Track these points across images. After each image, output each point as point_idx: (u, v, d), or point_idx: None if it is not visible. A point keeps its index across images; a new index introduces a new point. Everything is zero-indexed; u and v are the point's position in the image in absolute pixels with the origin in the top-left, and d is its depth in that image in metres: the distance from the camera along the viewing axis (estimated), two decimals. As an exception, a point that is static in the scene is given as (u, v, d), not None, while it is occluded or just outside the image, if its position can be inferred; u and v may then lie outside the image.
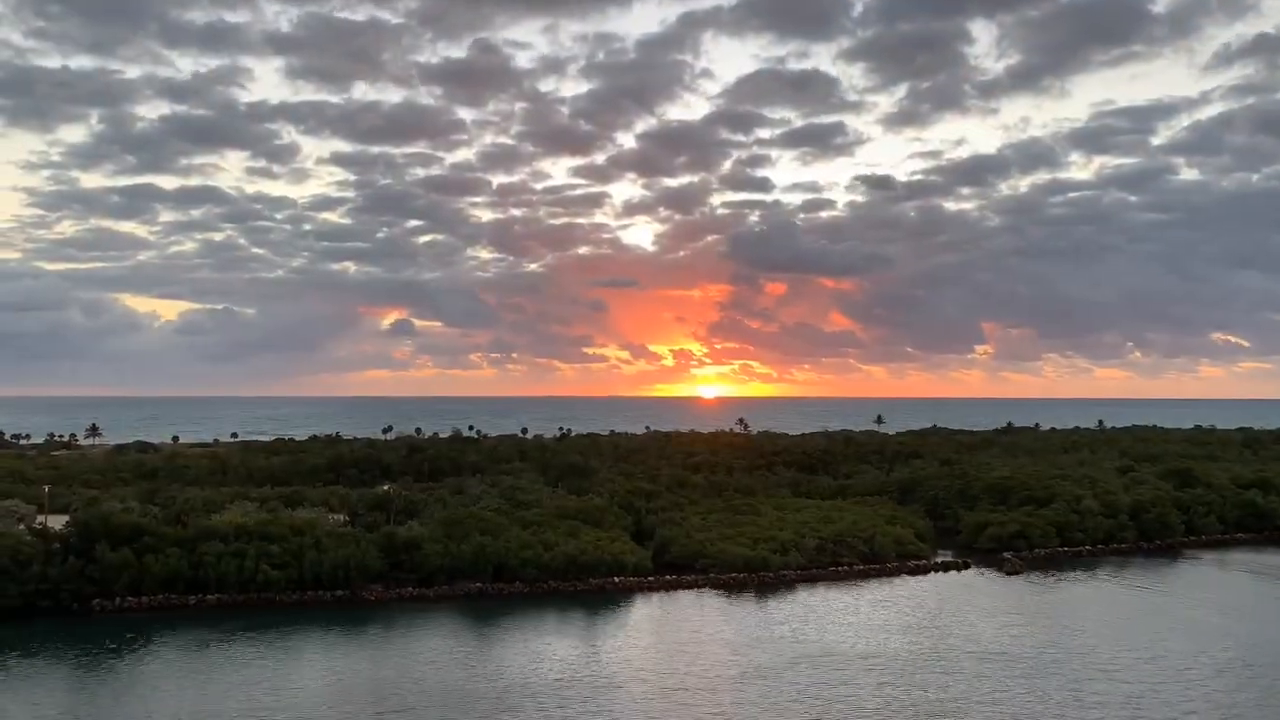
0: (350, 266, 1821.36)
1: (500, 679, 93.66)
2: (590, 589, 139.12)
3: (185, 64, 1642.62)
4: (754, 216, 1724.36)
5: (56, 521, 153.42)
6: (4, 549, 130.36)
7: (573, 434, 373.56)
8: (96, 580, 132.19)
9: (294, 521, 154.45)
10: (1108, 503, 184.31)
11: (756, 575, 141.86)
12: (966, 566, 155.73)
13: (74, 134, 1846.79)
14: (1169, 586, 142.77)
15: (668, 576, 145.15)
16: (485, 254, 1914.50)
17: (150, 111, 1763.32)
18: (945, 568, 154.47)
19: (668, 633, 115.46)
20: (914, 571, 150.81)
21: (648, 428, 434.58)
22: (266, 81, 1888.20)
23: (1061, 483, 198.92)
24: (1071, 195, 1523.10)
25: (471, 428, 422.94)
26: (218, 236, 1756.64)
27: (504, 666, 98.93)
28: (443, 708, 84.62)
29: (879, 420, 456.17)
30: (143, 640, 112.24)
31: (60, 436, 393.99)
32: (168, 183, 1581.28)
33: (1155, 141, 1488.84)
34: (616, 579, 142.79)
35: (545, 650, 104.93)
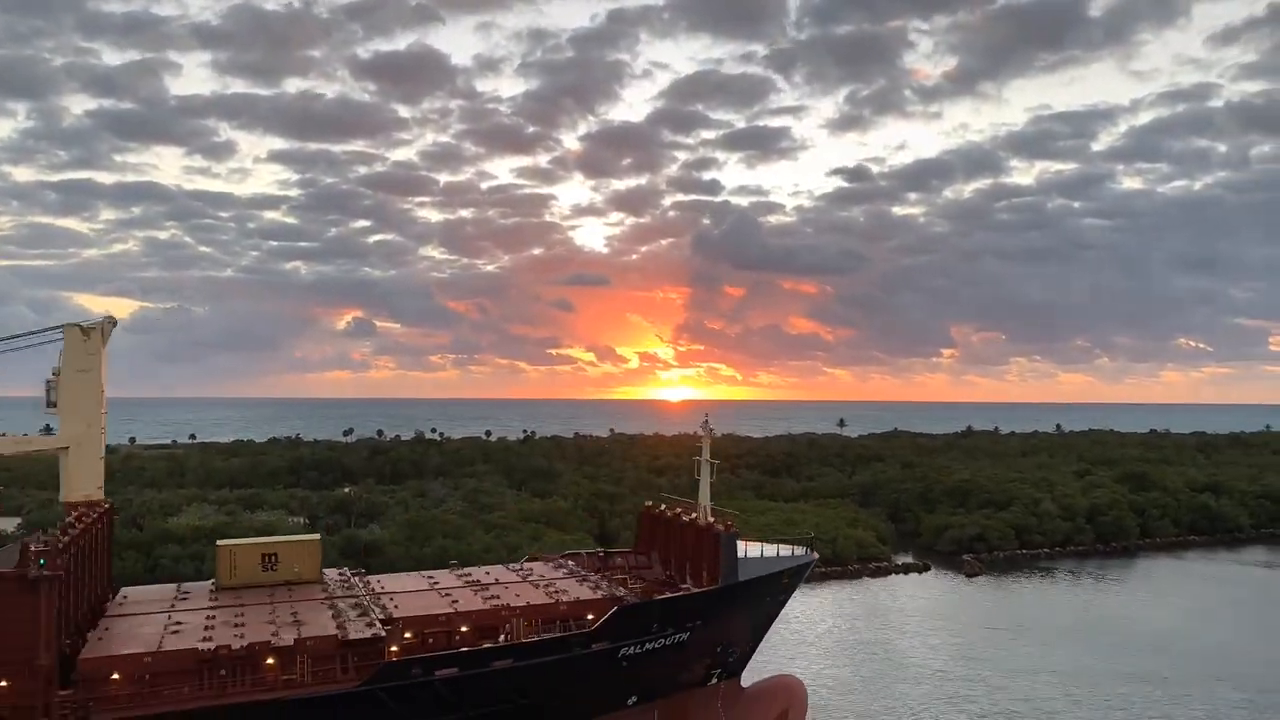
0: (301, 266, 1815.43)
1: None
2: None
3: (109, 56, 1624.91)
4: (707, 219, 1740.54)
5: (9, 524, 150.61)
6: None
7: (537, 436, 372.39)
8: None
9: (253, 524, 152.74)
10: (1065, 505, 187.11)
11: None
12: (927, 569, 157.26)
13: (1, 128, 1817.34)
14: (1121, 589, 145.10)
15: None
16: (437, 254, 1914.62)
17: (77, 105, 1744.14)
18: (906, 570, 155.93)
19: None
20: (875, 574, 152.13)
21: (612, 430, 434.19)
22: (194, 76, 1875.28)
23: (1020, 486, 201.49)
24: (1015, 201, 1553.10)
25: (434, 430, 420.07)
26: (162, 235, 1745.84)
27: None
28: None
29: (841, 424, 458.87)
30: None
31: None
32: (105, 179, 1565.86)
33: (1095, 148, 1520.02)
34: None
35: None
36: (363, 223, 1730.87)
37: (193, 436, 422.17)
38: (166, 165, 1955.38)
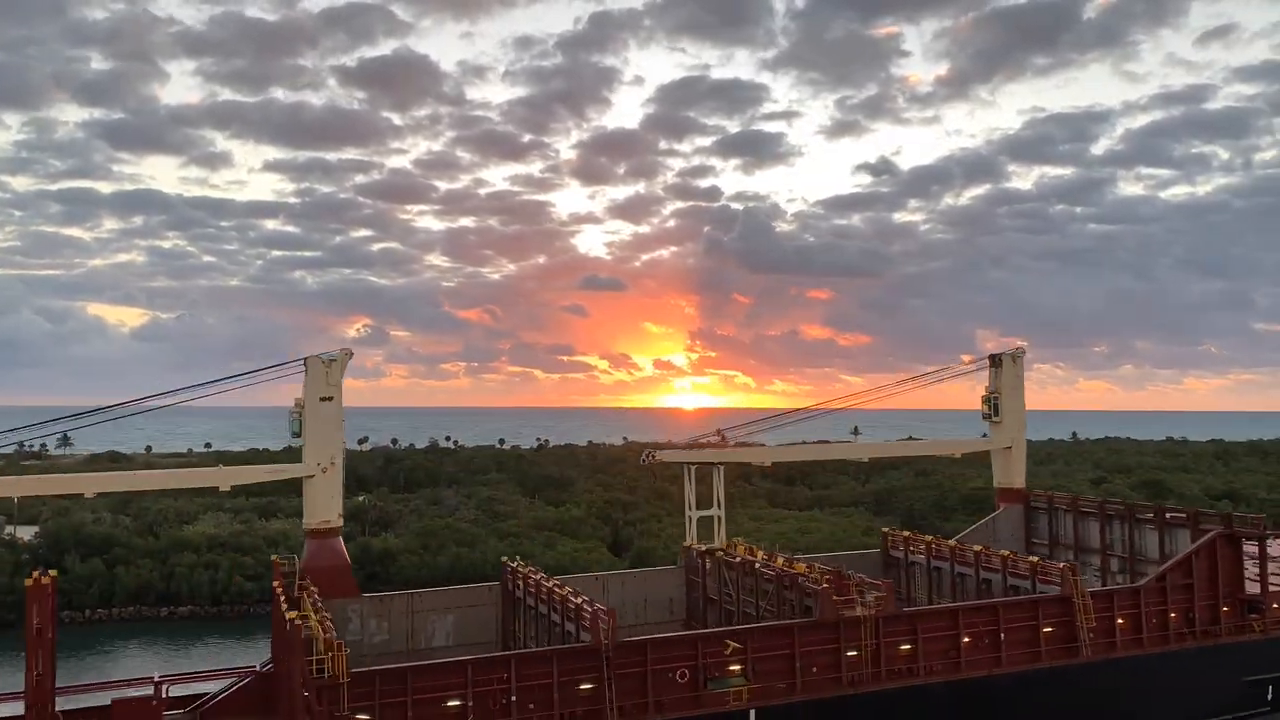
0: (307, 276, 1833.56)
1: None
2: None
3: (97, 64, 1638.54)
4: (709, 226, 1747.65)
5: (26, 533, 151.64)
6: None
7: (550, 445, 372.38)
8: (66, 592, 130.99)
9: (268, 532, 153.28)
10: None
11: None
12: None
13: None
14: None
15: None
16: (442, 262, 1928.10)
17: (68, 115, 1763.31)
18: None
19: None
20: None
21: (625, 439, 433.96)
22: (181, 84, 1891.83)
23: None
24: (1019, 207, 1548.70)
25: (448, 438, 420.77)
26: (165, 244, 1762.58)
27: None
28: None
29: (855, 431, 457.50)
30: (112, 653, 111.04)
31: (30, 446, 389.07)
32: (104, 188, 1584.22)
33: (1095, 151, 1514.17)
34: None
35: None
36: (364, 231, 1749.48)
37: (208, 445, 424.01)
38: (164, 175, 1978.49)
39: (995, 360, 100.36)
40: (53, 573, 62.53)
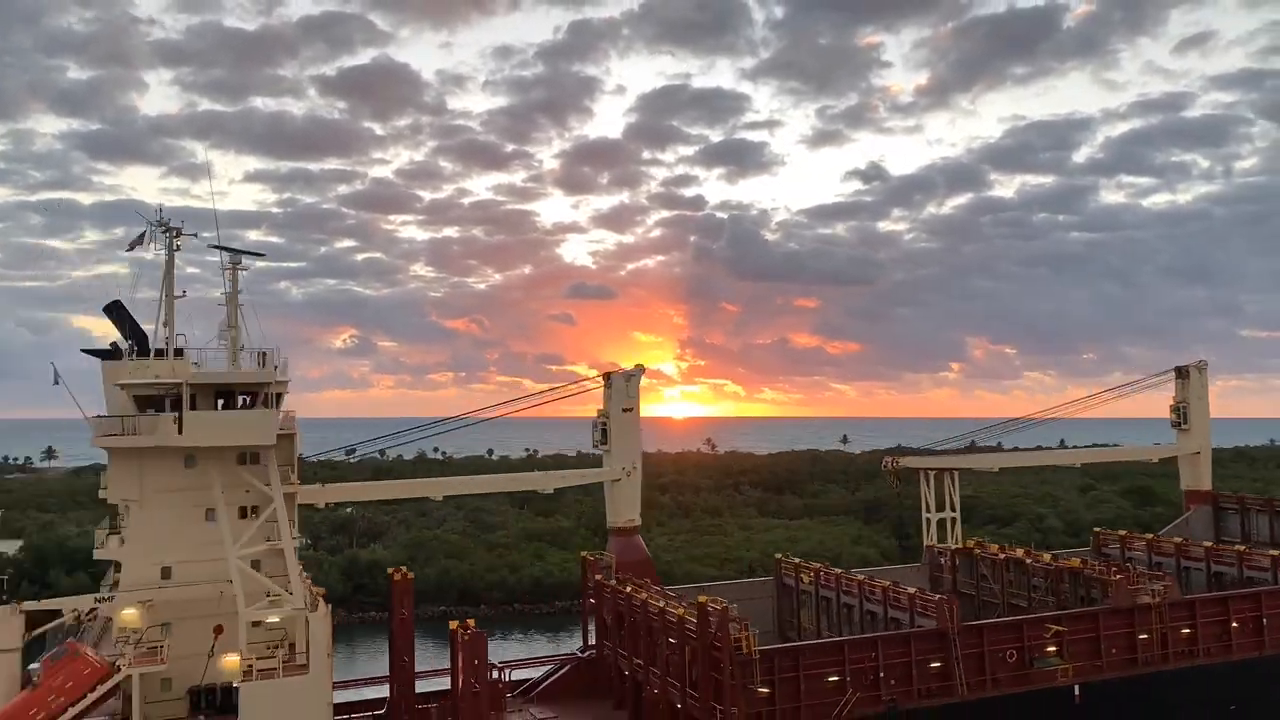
0: (292, 286, 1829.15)
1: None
2: (557, 611, 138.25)
3: (74, 74, 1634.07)
4: (696, 235, 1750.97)
5: (10, 546, 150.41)
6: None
7: (539, 455, 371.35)
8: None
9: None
10: (1070, 520, 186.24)
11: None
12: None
13: None
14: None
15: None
16: (427, 272, 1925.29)
17: (46, 125, 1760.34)
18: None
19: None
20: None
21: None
22: (159, 94, 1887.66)
23: (1024, 501, 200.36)
24: (1002, 215, 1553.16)
25: (436, 449, 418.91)
26: (148, 255, 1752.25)
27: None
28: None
29: (844, 440, 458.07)
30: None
31: (14, 460, 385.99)
32: (85, 199, 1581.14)
33: (1076, 160, 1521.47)
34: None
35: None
36: (348, 242, 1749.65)
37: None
38: (144, 185, 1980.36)
39: (1182, 372, 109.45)
40: (409, 573, 71.84)
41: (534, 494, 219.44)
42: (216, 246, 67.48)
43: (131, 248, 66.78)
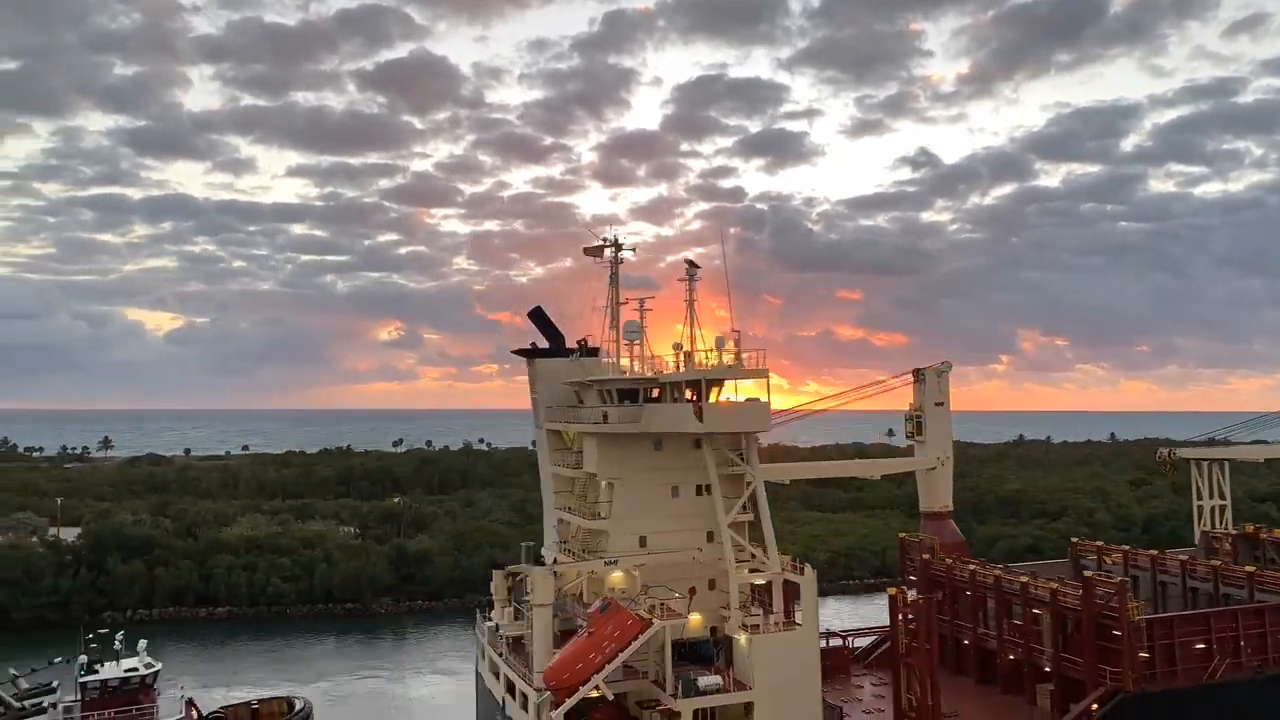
0: (337, 280, 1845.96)
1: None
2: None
3: (120, 70, 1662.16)
4: (738, 227, 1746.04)
5: (69, 534, 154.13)
6: (16, 561, 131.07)
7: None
8: (108, 593, 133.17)
9: (304, 534, 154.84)
10: (1120, 516, 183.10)
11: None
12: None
13: (23, 146, 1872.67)
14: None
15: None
16: (470, 265, 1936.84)
17: (94, 123, 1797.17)
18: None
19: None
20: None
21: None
22: (202, 89, 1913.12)
23: (1074, 496, 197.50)
24: (1048, 205, 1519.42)
25: (481, 440, 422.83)
26: (195, 249, 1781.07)
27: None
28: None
29: (889, 433, 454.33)
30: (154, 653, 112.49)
31: (73, 449, 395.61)
32: (134, 194, 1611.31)
33: (1124, 148, 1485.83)
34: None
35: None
36: (391, 235, 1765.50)
37: (245, 448, 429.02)
38: (190, 181, 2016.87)
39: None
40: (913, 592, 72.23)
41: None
42: (689, 263, 73.33)
43: (591, 254, 75.09)
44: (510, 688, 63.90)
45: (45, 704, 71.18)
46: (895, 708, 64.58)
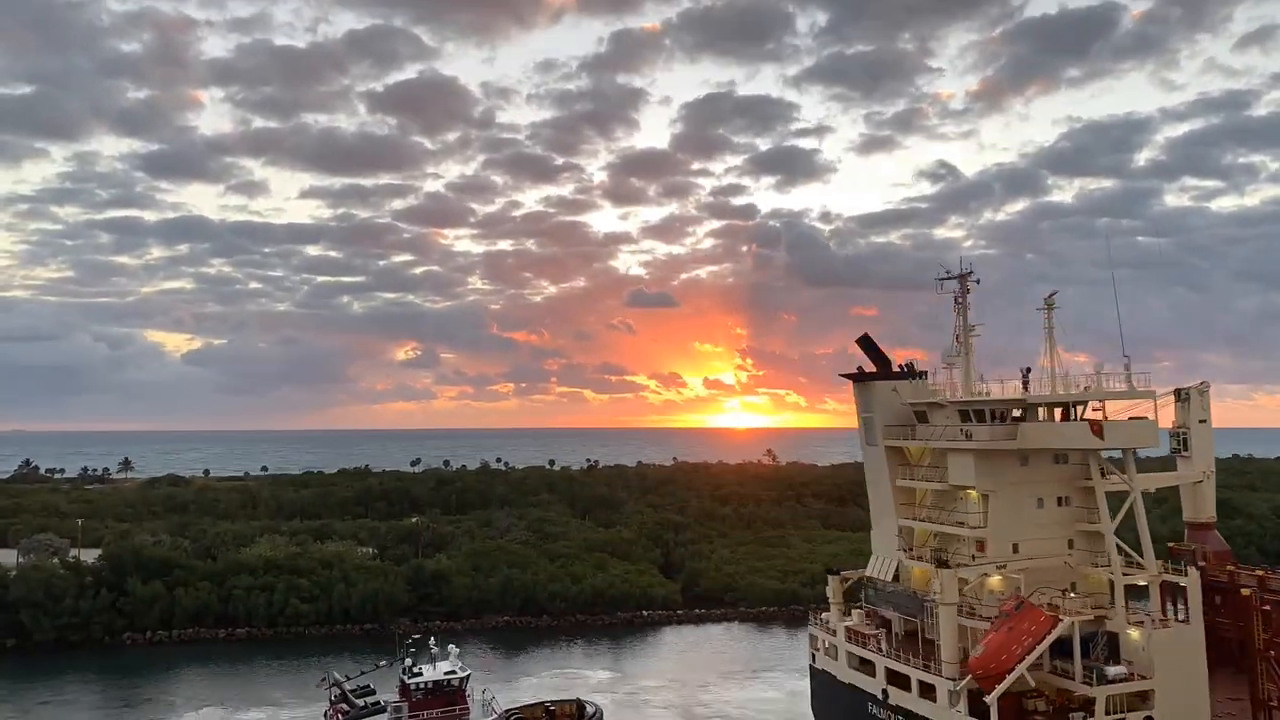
0: (353, 301, 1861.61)
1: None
2: (618, 622, 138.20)
3: (132, 94, 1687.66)
4: (749, 245, 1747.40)
5: (89, 555, 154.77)
6: (37, 582, 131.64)
7: (600, 465, 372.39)
8: (127, 613, 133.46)
9: (323, 555, 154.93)
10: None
11: (787, 608, 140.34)
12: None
13: (40, 170, 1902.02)
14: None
15: (697, 610, 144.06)
16: (484, 285, 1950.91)
17: (109, 147, 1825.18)
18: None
19: (696, 667, 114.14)
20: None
21: (675, 459, 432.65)
22: (213, 111, 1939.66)
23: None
24: (1062, 220, 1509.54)
25: (499, 459, 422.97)
26: (211, 270, 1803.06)
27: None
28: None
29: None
30: (173, 673, 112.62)
31: (94, 471, 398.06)
32: (150, 216, 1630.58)
33: (1138, 163, 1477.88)
34: (645, 612, 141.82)
35: (572, 685, 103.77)
36: (405, 256, 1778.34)
37: (264, 469, 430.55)
38: (204, 203, 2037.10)
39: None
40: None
41: (596, 505, 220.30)
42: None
43: (939, 288, 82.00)
44: (894, 679, 71.18)
45: (382, 702, 78.26)
46: (1252, 699, 69.49)
